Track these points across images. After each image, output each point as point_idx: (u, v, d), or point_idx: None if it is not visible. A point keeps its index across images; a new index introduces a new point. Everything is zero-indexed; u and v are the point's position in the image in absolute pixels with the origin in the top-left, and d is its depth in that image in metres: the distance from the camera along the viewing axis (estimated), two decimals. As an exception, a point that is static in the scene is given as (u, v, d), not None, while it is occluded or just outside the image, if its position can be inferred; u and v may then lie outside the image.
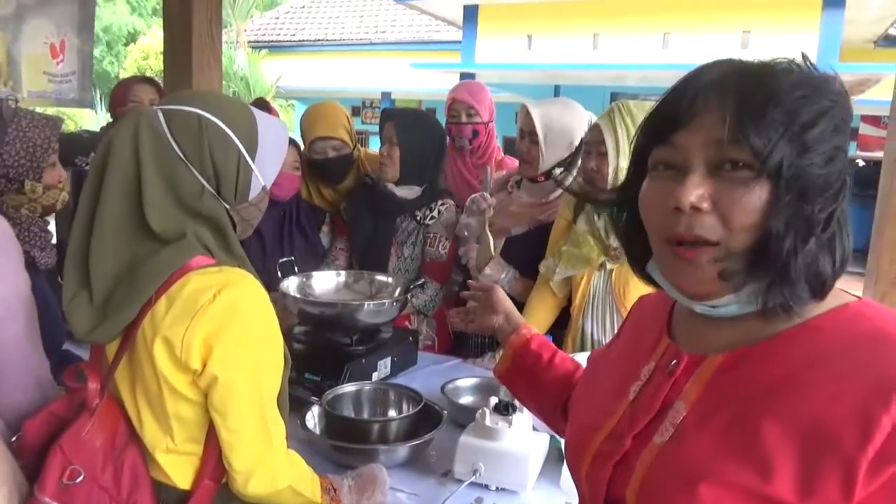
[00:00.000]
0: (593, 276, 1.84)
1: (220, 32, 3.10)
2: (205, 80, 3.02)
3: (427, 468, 1.41)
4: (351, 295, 2.00)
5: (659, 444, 0.67)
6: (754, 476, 0.59)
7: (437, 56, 11.04)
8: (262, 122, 1.12)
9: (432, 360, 2.05)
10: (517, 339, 1.16)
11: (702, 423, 0.65)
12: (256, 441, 1.02)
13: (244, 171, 1.08)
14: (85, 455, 1.00)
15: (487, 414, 1.35)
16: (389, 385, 1.66)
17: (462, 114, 2.46)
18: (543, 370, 1.10)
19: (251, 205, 1.13)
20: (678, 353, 0.71)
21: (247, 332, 1.00)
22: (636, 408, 0.72)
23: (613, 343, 0.91)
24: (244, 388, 1.00)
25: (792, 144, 0.60)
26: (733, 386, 0.65)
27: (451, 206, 2.24)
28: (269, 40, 14.28)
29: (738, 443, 0.61)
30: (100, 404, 1.03)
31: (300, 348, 1.80)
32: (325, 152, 2.37)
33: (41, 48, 3.49)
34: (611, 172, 1.71)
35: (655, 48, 8.50)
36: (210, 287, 0.99)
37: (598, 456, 0.73)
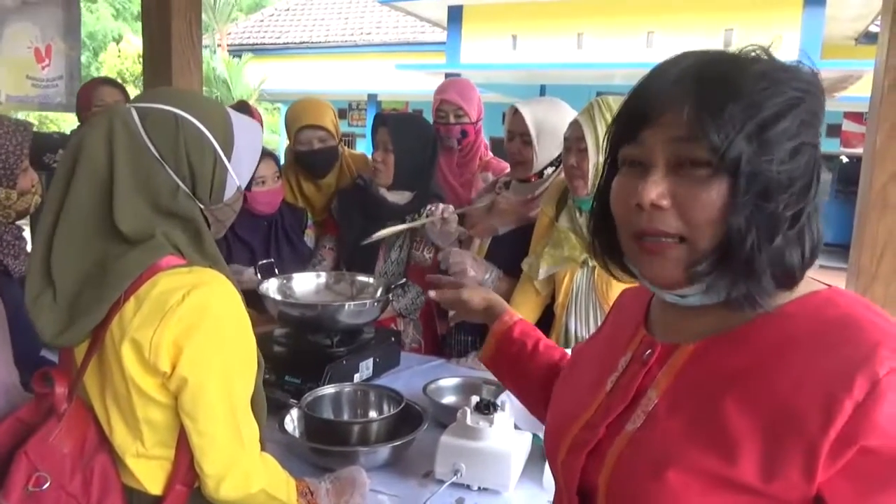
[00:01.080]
0: (576, 274, 1.83)
1: (199, 35, 3.07)
2: (185, 83, 2.99)
3: (408, 469, 1.39)
4: (332, 296, 1.98)
5: (630, 432, 0.68)
6: (719, 460, 0.59)
7: (422, 57, 11.05)
8: (237, 123, 1.11)
9: (416, 361, 2.03)
10: (499, 327, 1.15)
11: (671, 410, 0.66)
12: (228, 444, 1.00)
13: (220, 171, 1.07)
14: (52, 461, 0.98)
15: (468, 413, 1.34)
16: (370, 386, 1.64)
17: (450, 115, 2.44)
18: (528, 359, 1.09)
19: (226, 205, 1.11)
20: (652, 342, 0.72)
21: (217, 334, 0.98)
22: (612, 398, 0.73)
23: (595, 336, 0.92)
24: (214, 391, 0.98)
25: (751, 141, 0.60)
26: (703, 373, 0.65)
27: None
28: (253, 43, 14.23)
29: (705, 429, 0.62)
30: (68, 409, 1.01)
31: (280, 351, 1.78)
32: (310, 143, 2.37)
33: (24, 52, 3.49)
34: (591, 168, 1.70)
35: (640, 47, 8.54)
36: (179, 288, 0.97)
37: (573, 446, 0.74)
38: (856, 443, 0.55)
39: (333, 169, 2.48)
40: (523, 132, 1.98)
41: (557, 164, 2.01)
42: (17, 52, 3.49)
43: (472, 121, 2.45)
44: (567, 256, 1.81)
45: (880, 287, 1.65)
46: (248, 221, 2.16)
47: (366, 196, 2.25)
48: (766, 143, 0.60)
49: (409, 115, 2.49)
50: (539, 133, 1.97)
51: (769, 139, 0.60)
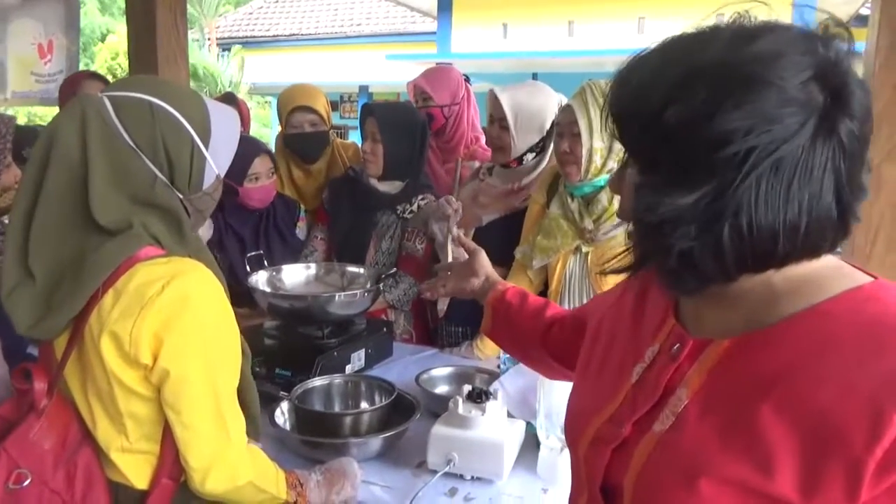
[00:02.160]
0: (569, 260, 1.81)
1: (185, 27, 3.03)
2: (171, 76, 2.95)
3: (401, 460, 1.38)
4: (322, 287, 1.96)
5: (658, 433, 0.64)
6: (755, 472, 0.56)
7: (413, 47, 10.97)
8: (213, 110, 1.08)
9: (408, 351, 2.02)
10: (493, 296, 1.17)
11: (703, 413, 0.62)
12: (213, 437, 0.98)
13: (198, 159, 1.05)
14: (32, 457, 0.96)
15: (460, 402, 1.32)
16: (361, 377, 1.63)
17: (418, 99, 2.45)
18: (516, 314, 1.11)
19: (205, 194, 1.09)
20: (683, 336, 0.68)
21: (198, 324, 0.96)
22: (638, 392, 0.69)
23: (620, 302, 0.85)
24: (198, 383, 0.96)
25: (649, 134, 0.60)
26: (737, 374, 0.61)
27: (431, 199, 2.20)
28: (242, 36, 14.13)
29: (739, 436, 0.58)
30: (48, 405, 0.99)
31: (271, 344, 1.76)
32: (301, 126, 2.37)
33: (29, 48, 3.51)
34: (584, 154, 1.68)
35: (631, 33, 8.50)
36: (158, 279, 0.95)
37: (596, 440, 0.71)
38: None
39: (324, 155, 2.47)
40: (501, 117, 1.96)
41: (538, 151, 1.98)
42: (23, 48, 3.52)
43: (438, 104, 2.42)
44: (559, 244, 1.79)
45: (874, 267, 1.63)
46: (240, 212, 2.14)
47: (356, 186, 2.23)
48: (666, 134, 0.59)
49: (398, 103, 2.47)
50: (517, 118, 1.94)
51: (669, 130, 0.59)
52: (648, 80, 0.61)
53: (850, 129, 0.57)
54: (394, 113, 2.21)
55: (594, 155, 1.68)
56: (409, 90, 2.51)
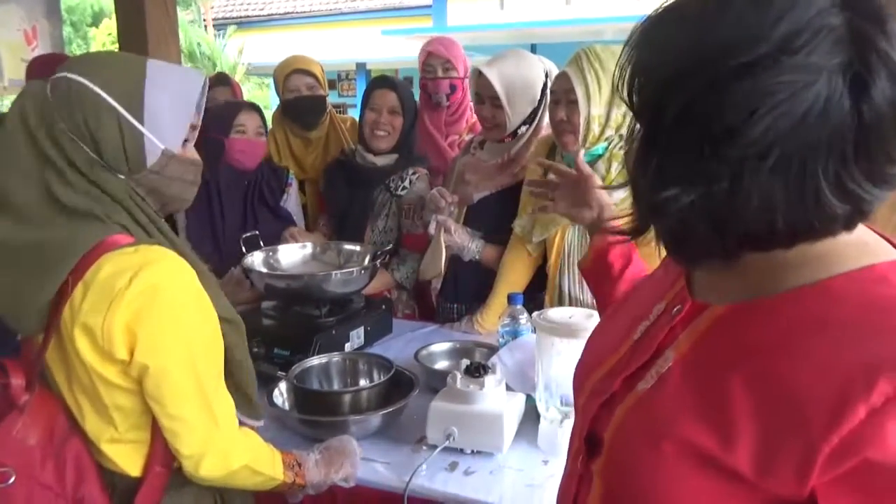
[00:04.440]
0: (567, 233, 1.79)
1: (174, 5, 2.98)
2: (162, 53, 2.91)
3: (401, 436, 1.37)
4: (319, 266, 1.95)
5: (640, 392, 0.64)
6: (715, 441, 0.55)
7: (409, 22, 10.84)
8: (154, 77, 0.99)
9: (408, 328, 2.01)
10: (600, 243, 1.17)
11: (684, 376, 0.61)
12: (201, 424, 0.97)
13: (129, 134, 0.97)
14: (16, 454, 0.94)
15: (458, 377, 1.31)
16: (359, 354, 1.62)
17: (438, 68, 2.37)
18: (613, 281, 1.13)
19: (152, 172, 1.00)
20: (684, 297, 0.67)
21: (171, 314, 0.94)
22: (636, 349, 0.69)
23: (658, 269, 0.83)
24: (179, 373, 0.95)
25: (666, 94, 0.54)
26: (723, 342, 0.60)
27: (423, 174, 2.18)
28: (237, 16, 13.97)
29: (709, 404, 0.57)
30: (30, 400, 0.97)
31: (269, 324, 1.75)
32: (298, 90, 2.37)
33: (16, 35, 3.47)
34: (582, 122, 1.64)
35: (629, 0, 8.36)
36: (125, 270, 0.92)
37: (592, 392, 0.72)
38: (859, 453, 0.48)
39: (322, 122, 2.46)
40: (492, 95, 1.88)
41: (531, 122, 1.94)
42: (11, 35, 3.48)
43: (460, 76, 2.39)
44: (559, 217, 1.77)
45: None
46: (229, 176, 2.12)
47: (349, 167, 2.22)
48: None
49: (403, 80, 2.46)
50: (509, 94, 1.88)
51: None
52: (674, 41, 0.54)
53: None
54: (408, 88, 2.23)
55: (592, 123, 1.65)
56: (422, 57, 2.42)
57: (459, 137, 2.46)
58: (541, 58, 1.98)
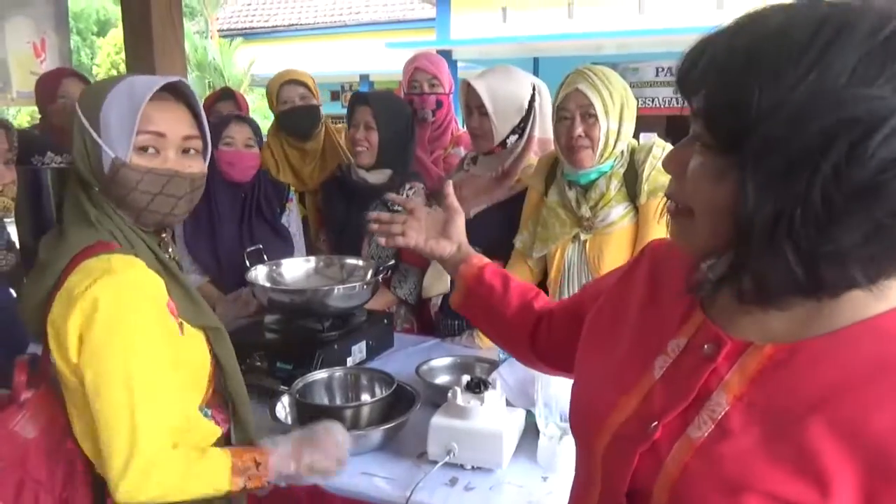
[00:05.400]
0: (567, 248, 1.80)
1: (180, 14, 3.02)
2: (167, 64, 2.95)
3: (402, 451, 1.39)
4: (322, 281, 1.97)
5: (696, 440, 0.60)
6: (809, 491, 0.53)
7: (412, 35, 10.91)
8: (113, 92, 1.03)
9: (410, 342, 2.02)
10: (469, 270, 1.08)
11: (747, 423, 0.58)
12: (120, 447, 0.94)
13: (91, 145, 1.02)
14: (11, 445, 0.98)
15: (459, 393, 1.33)
16: (361, 369, 1.63)
17: (424, 84, 2.41)
18: (500, 301, 1.04)
19: (111, 182, 1.02)
20: (718, 335, 0.63)
21: (114, 327, 0.94)
22: (667, 390, 0.65)
23: (625, 289, 0.80)
24: (111, 388, 0.94)
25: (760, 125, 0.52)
26: (784, 385, 0.58)
27: (420, 188, 2.20)
28: (242, 28, 14.08)
29: (789, 452, 0.55)
30: (31, 398, 1.01)
31: (271, 338, 1.77)
32: (292, 100, 2.41)
33: (25, 47, 3.56)
34: (602, 137, 1.66)
35: (631, 14, 8.42)
36: (88, 276, 0.95)
37: (620, 438, 0.67)
38: None
39: (318, 133, 2.50)
40: (479, 105, 1.94)
41: (520, 133, 1.97)
42: (19, 47, 3.56)
43: (445, 91, 2.43)
44: (558, 233, 1.79)
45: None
46: (224, 189, 2.14)
47: (345, 182, 2.25)
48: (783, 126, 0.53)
49: (388, 92, 2.47)
50: (495, 103, 1.93)
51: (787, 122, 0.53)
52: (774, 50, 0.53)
53: None
54: (388, 101, 2.23)
55: (609, 137, 1.68)
56: (408, 73, 2.45)
57: (444, 152, 2.50)
58: (529, 74, 2.03)
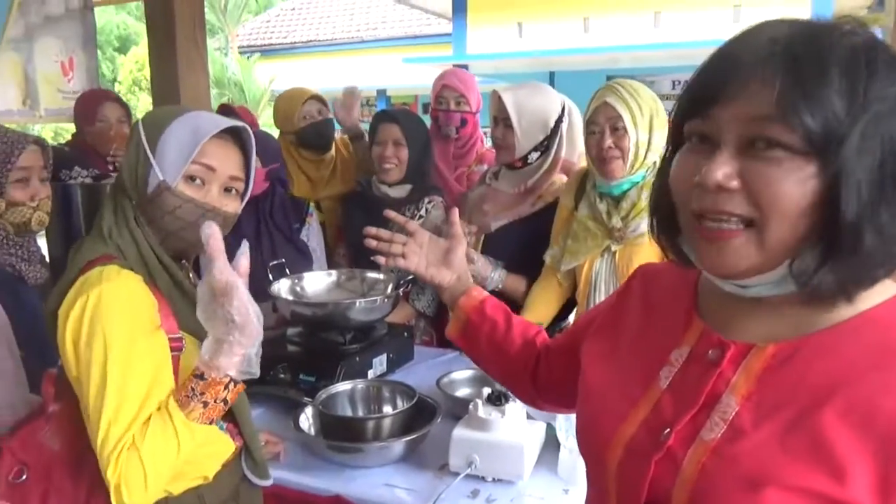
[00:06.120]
0: (596, 261, 1.81)
1: (204, 35, 3.09)
2: (191, 83, 3.02)
3: (424, 463, 1.40)
4: (343, 294, 1.99)
5: (710, 442, 0.62)
6: (826, 479, 0.55)
7: (429, 50, 11.01)
8: (178, 120, 1.08)
9: (429, 355, 2.04)
10: (469, 302, 1.07)
11: (758, 420, 0.60)
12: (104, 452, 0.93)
13: (142, 162, 1.08)
14: (36, 455, 1.01)
15: (480, 405, 1.34)
16: (383, 382, 1.65)
17: (451, 101, 2.44)
18: (502, 337, 1.04)
19: (149, 201, 1.07)
20: (721, 340, 0.66)
21: (94, 331, 0.96)
22: (676, 398, 0.67)
23: (618, 313, 0.83)
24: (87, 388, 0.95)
25: (854, 124, 0.55)
26: (791, 381, 0.60)
27: (439, 202, 2.23)
28: (261, 44, 14.28)
29: (803, 443, 0.57)
30: (56, 409, 1.04)
31: (294, 350, 1.80)
32: (313, 116, 2.47)
33: (53, 66, 3.65)
34: (631, 147, 1.69)
35: (647, 28, 8.43)
36: (82, 288, 0.99)
37: (632, 450, 0.68)
38: None
39: (332, 143, 2.58)
40: (505, 117, 1.96)
41: (543, 150, 1.99)
42: (48, 66, 3.65)
43: (472, 110, 2.45)
44: (589, 247, 1.80)
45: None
46: None
47: (366, 197, 2.28)
48: (872, 126, 0.55)
49: (409, 110, 2.52)
50: (520, 116, 1.95)
51: (875, 122, 0.55)
52: None
53: None
54: (413, 119, 2.28)
55: (639, 148, 1.70)
56: (436, 88, 2.48)
57: (468, 170, 2.52)
58: (560, 94, 2.04)
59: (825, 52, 0.56)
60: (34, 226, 1.62)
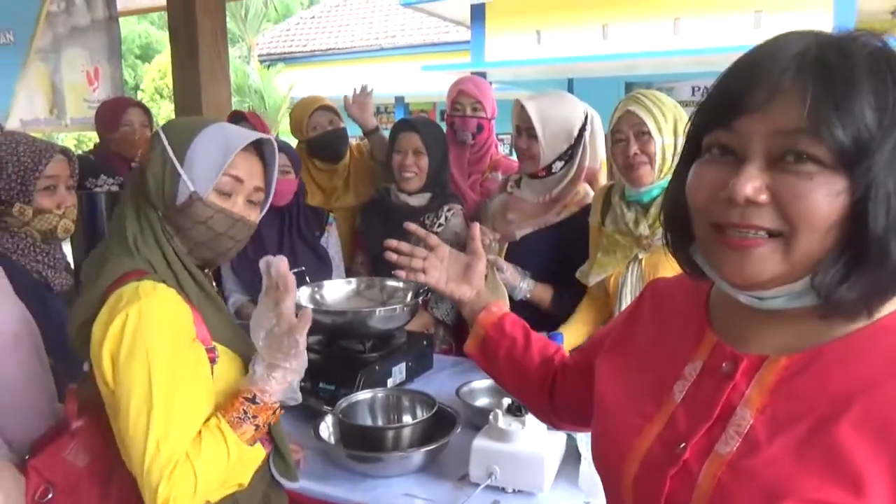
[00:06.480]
0: (626, 270, 1.80)
1: (226, 46, 3.14)
2: (213, 94, 3.06)
3: (444, 473, 1.40)
4: (363, 302, 2.00)
5: (726, 455, 0.62)
6: (843, 492, 0.55)
7: (447, 57, 11.04)
8: (205, 132, 1.10)
9: (448, 363, 2.04)
10: (488, 318, 1.07)
11: (773, 433, 0.60)
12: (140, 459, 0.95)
13: (169, 173, 1.08)
14: (63, 474, 1.01)
15: (500, 416, 1.34)
16: (402, 391, 1.65)
17: (467, 107, 2.44)
18: (521, 355, 1.03)
19: (179, 211, 1.09)
20: (734, 353, 0.66)
21: (136, 349, 0.96)
22: (690, 413, 0.67)
23: (631, 328, 0.84)
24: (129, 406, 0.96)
25: (885, 139, 0.55)
26: (805, 392, 0.60)
27: (458, 210, 2.23)
28: (281, 52, 14.43)
29: (819, 456, 0.57)
30: (81, 425, 1.04)
31: (314, 358, 1.79)
32: (323, 126, 2.47)
33: (79, 76, 3.75)
34: (658, 151, 1.69)
35: (667, 34, 8.39)
36: (119, 303, 0.99)
37: (648, 465, 0.68)
38: None
39: (345, 153, 2.57)
40: (529, 126, 1.96)
41: (567, 159, 1.99)
42: (74, 76, 3.75)
43: (487, 116, 2.45)
44: (618, 259, 1.79)
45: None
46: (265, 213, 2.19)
47: (385, 205, 2.29)
48: None
49: (427, 118, 2.53)
50: (544, 126, 1.94)
51: None
52: None
53: None
54: (432, 127, 2.30)
55: (666, 152, 1.70)
56: (452, 95, 2.49)
57: (482, 176, 2.52)
58: (582, 102, 2.04)
59: (854, 65, 0.56)
60: (60, 233, 1.65)
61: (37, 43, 3.78)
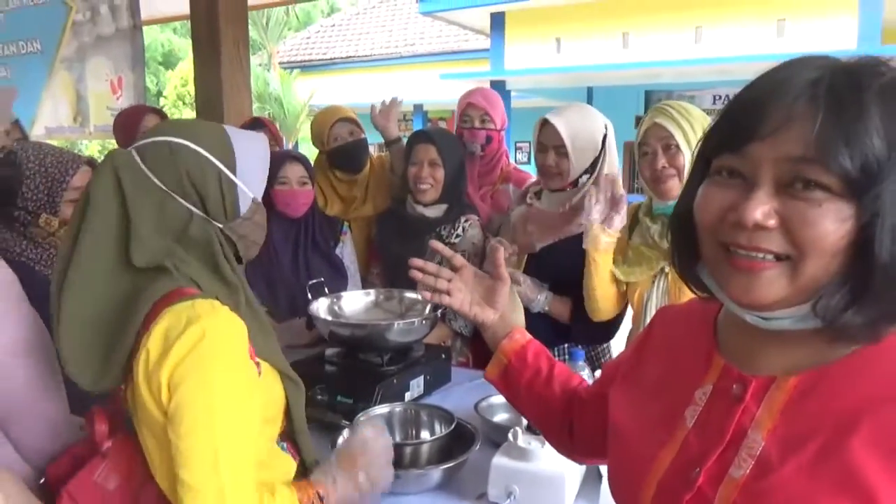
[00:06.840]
0: (653, 281, 1.78)
1: (247, 55, 3.17)
2: (235, 102, 3.09)
3: (462, 490, 1.38)
4: (381, 314, 1.99)
5: (739, 479, 0.62)
6: None
7: (466, 66, 11.09)
8: (235, 136, 1.11)
9: (466, 377, 2.01)
10: (511, 346, 1.06)
11: (786, 454, 0.60)
12: (205, 488, 0.92)
13: (227, 186, 1.07)
14: (96, 499, 0.99)
15: (520, 433, 1.31)
16: (421, 406, 1.63)
17: (476, 119, 2.43)
18: (543, 386, 1.02)
19: (245, 220, 1.11)
20: (742, 375, 0.66)
21: (200, 370, 0.94)
22: (702, 437, 0.67)
23: (641, 358, 0.85)
24: (195, 437, 0.93)
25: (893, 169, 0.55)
26: (815, 411, 0.60)
27: (475, 221, 2.22)
28: (301, 60, 14.58)
29: (832, 475, 0.57)
30: (111, 446, 1.02)
31: (331, 371, 1.79)
32: (344, 137, 2.46)
33: (103, 85, 3.82)
34: (687, 164, 1.67)
35: (688, 43, 8.35)
36: (177, 325, 0.95)
37: (664, 491, 0.68)
38: None
39: (365, 163, 2.57)
40: (558, 144, 1.92)
41: (591, 171, 1.97)
42: (98, 85, 3.82)
43: (496, 127, 2.44)
44: (643, 270, 1.77)
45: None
46: (278, 223, 2.18)
47: (401, 216, 2.28)
48: None
49: (445, 129, 2.51)
50: (574, 142, 1.92)
51: None
52: None
53: None
54: (448, 138, 2.28)
55: None
56: (461, 107, 2.48)
57: (492, 188, 2.51)
58: (599, 112, 2.02)
59: (865, 95, 0.57)
60: None
61: (62, 52, 3.85)
